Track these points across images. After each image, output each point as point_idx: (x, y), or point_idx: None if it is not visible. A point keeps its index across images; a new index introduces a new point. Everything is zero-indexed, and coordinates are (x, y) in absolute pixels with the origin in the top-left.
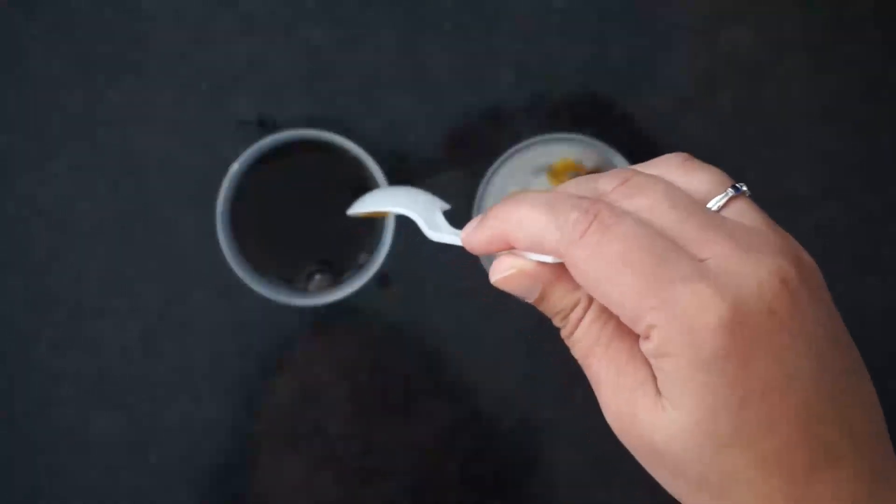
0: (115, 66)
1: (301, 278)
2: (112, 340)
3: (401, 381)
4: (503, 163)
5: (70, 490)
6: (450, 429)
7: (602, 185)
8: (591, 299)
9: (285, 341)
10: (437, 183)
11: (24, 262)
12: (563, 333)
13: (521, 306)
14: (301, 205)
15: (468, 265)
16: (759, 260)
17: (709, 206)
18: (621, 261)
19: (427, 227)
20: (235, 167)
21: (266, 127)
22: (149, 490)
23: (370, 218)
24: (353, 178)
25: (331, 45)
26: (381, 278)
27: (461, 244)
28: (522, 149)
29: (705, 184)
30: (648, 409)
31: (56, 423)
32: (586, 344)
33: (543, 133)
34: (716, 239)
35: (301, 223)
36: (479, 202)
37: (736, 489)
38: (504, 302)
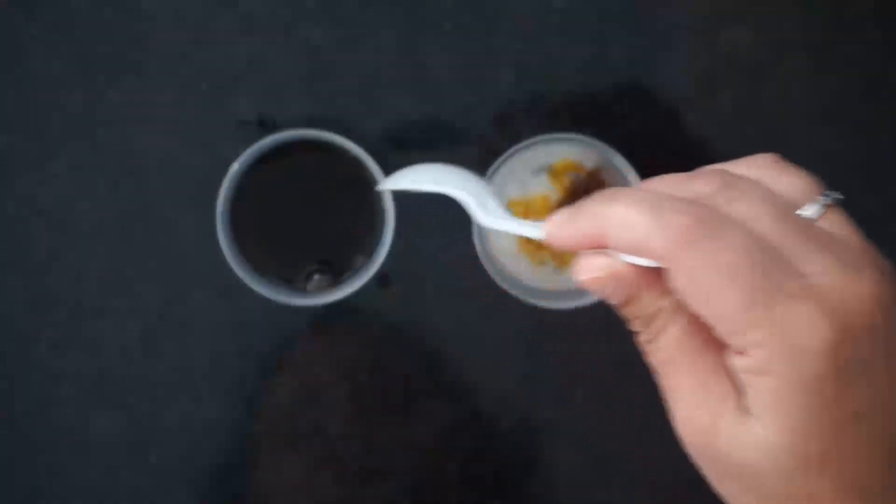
0: (115, 66)
1: (301, 278)
2: (112, 340)
3: (401, 381)
4: (503, 163)
5: (70, 490)
6: (450, 429)
7: (700, 186)
8: (677, 307)
9: (285, 341)
10: None
11: (24, 262)
12: (641, 338)
13: (521, 306)
14: (301, 205)
15: (468, 265)
16: (859, 278)
17: (802, 212)
18: (730, 273)
19: (480, 210)
20: (235, 167)
21: (266, 127)
22: (149, 490)
23: (370, 218)
24: (353, 178)
25: (331, 45)
26: (381, 278)
27: (533, 236)
28: (522, 149)
29: (797, 188)
30: (731, 424)
31: (56, 423)
32: (668, 353)
33: (543, 133)
34: (818, 252)
35: (301, 223)
36: None
37: None
38: (504, 302)
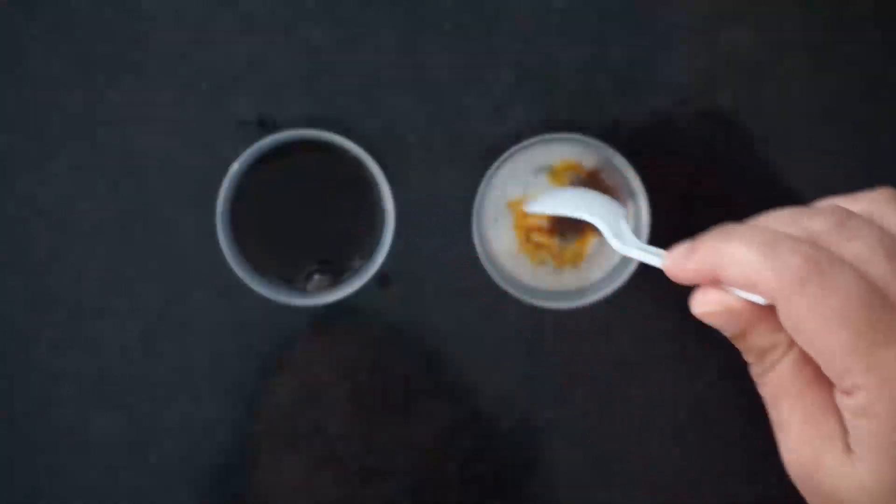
0: (115, 66)
1: (301, 278)
2: (112, 340)
3: (401, 381)
4: (503, 163)
5: (70, 490)
6: (450, 429)
7: (815, 224)
8: (791, 343)
9: (285, 341)
10: (437, 183)
11: (24, 262)
12: (753, 371)
13: (521, 307)
14: (301, 205)
15: (468, 265)
16: None
17: None
18: (837, 316)
19: (613, 236)
20: (235, 167)
21: (266, 127)
22: (149, 490)
23: (370, 218)
24: (353, 178)
25: (331, 45)
26: (381, 278)
27: (656, 264)
28: (522, 149)
29: None
30: (835, 462)
31: (56, 423)
32: (780, 387)
33: (543, 133)
34: None
35: (301, 223)
36: (480, 202)
37: None
38: (504, 302)
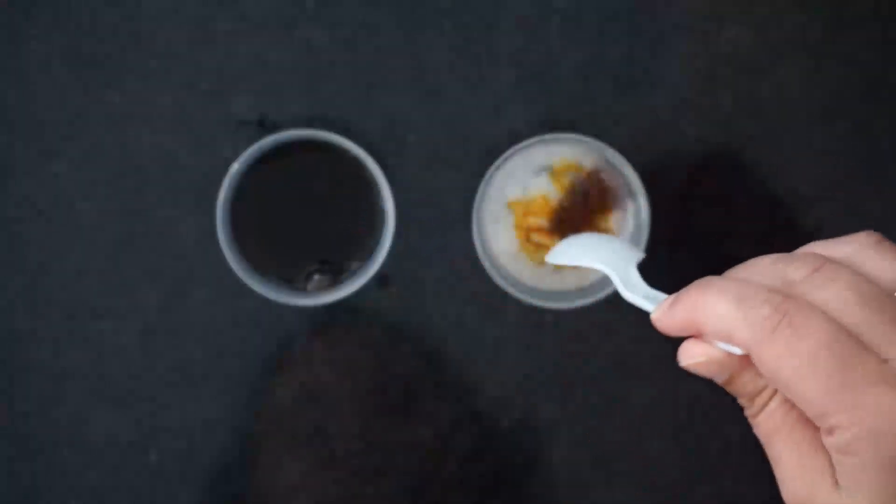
0: (115, 66)
1: (301, 278)
2: (112, 340)
3: (401, 381)
4: (503, 163)
5: (70, 490)
6: (450, 429)
7: (791, 273)
8: None
9: (285, 341)
10: (437, 183)
11: (24, 262)
12: (747, 413)
13: (521, 306)
14: (301, 205)
15: (468, 265)
16: None
17: None
18: (809, 362)
19: (622, 284)
20: (235, 167)
21: (266, 127)
22: (149, 490)
23: (370, 218)
24: (353, 178)
25: (331, 45)
26: (381, 278)
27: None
28: (522, 149)
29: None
30: (827, 496)
31: (56, 423)
32: (771, 427)
33: (543, 133)
34: None
35: (301, 223)
36: (480, 202)
37: None
38: (504, 302)
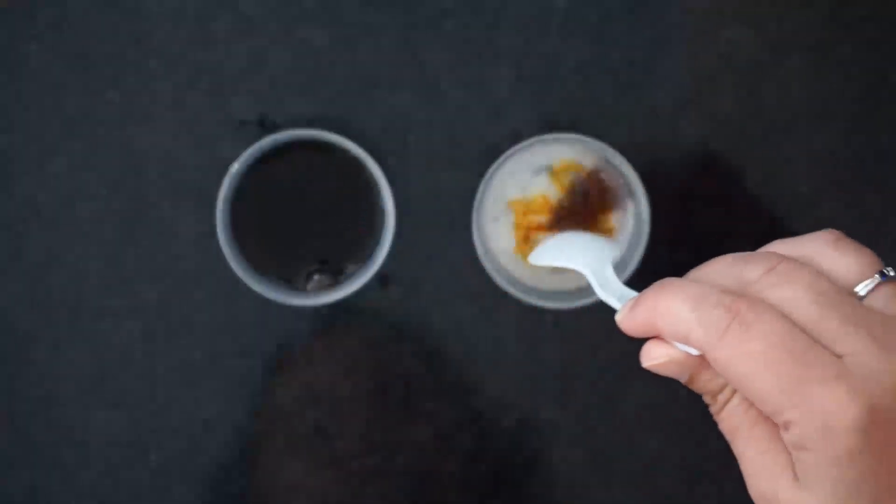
0: (115, 66)
1: (301, 278)
2: (112, 340)
3: (401, 381)
4: (503, 163)
5: (70, 490)
6: (450, 429)
7: (747, 272)
8: None
9: (285, 341)
10: (437, 183)
11: (24, 262)
12: (711, 410)
13: (521, 306)
14: (301, 205)
15: (468, 265)
16: (891, 358)
17: (857, 289)
18: (761, 360)
19: (597, 284)
20: (235, 167)
21: (266, 127)
22: (149, 490)
23: (370, 218)
24: (353, 178)
25: (331, 45)
26: (381, 278)
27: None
28: (522, 149)
29: (855, 266)
30: (788, 491)
31: (56, 423)
32: (733, 424)
33: (543, 133)
34: (855, 335)
35: (301, 223)
36: (480, 202)
37: None
38: (504, 302)
